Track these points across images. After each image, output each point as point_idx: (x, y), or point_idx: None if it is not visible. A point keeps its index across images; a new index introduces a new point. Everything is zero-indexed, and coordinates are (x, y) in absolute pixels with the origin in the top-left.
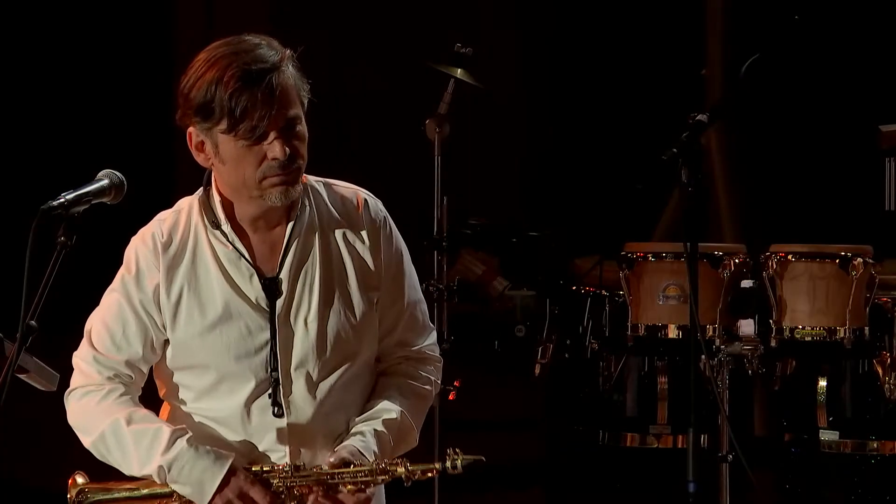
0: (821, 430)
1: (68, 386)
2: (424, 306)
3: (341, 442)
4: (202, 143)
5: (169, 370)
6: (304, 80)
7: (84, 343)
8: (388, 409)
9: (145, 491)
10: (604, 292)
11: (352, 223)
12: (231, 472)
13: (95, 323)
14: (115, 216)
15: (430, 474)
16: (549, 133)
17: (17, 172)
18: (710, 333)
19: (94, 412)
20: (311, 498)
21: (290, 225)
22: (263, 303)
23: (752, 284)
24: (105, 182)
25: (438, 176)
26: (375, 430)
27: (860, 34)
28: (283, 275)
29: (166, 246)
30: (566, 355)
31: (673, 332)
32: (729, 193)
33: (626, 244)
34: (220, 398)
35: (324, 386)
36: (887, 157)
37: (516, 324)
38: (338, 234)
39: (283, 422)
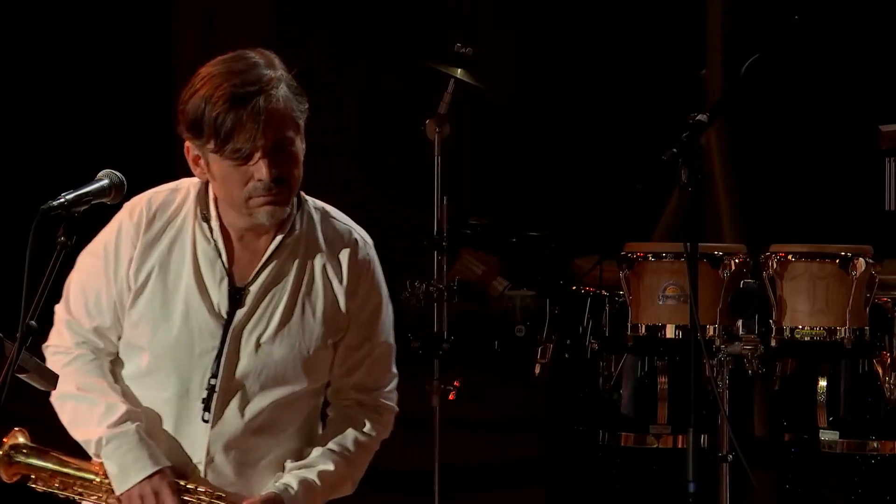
0: (821, 430)
1: None
2: (393, 354)
3: (271, 470)
4: (198, 156)
5: (120, 344)
6: (300, 98)
7: (62, 302)
8: (327, 459)
9: (73, 469)
10: (604, 292)
11: (336, 259)
12: (159, 473)
13: (73, 286)
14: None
15: None
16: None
17: (18, 173)
18: (710, 333)
19: (60, 374)
20: None
21: (275, 242)
22: (224, 310)
23: (752, 284)
24: (105, 182)
25: (438, 176)
26: (306, 479)
27: (860, 34)
28: (254, 288)
29: (150, 223)
30: (566, 355)
31: (673, 332)
32: (729, 193)
33: (626, 244)
34: (147, 387)
35: (255, 405)
36: (887, 157)
37: (516, 324)
38: (318, 264)
39: (207, 428)
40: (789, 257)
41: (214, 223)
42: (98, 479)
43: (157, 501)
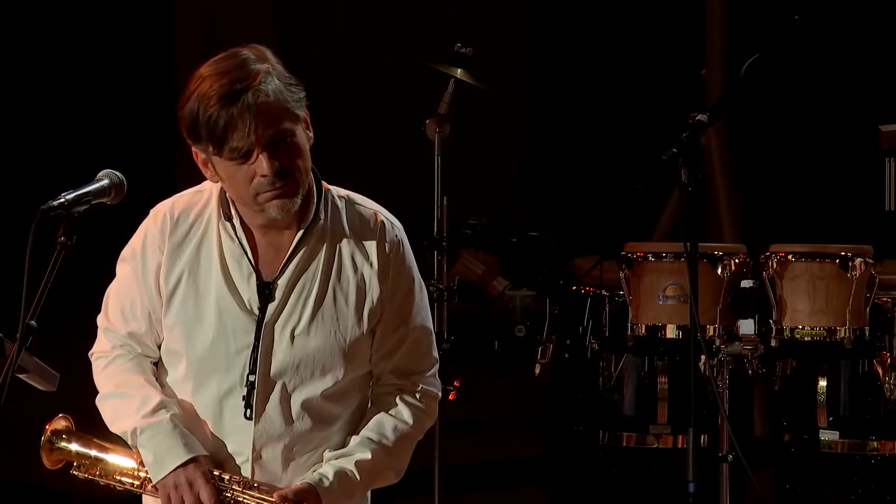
0: (821, 430)
1: (71, 383)
2: (432, 338)
3: (311, 457)
4: (205, 160)
5: (161, 351)
6: (294, 88)
7: (102, 311)
8: (364, 449)
9: (113, 455)
10: (604, 292)
11: (364, 244)
12: (194, 461)
13: (110, 294)
14: (115, 216)
15: None
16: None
17: (18, 172)
18: (710, 333)
19: (101, 377)
20: None
21: (300, 233)
22: (255, 306)
23: (752, 284)
24: (105, 182)
25: (438, 176)
26: (343, 468)
27: (860, 34)
28: (282, 281)
29: (175, 227)
30: (566, 355)
31: (673, 332)
32: (729, 193)
33: (625, 244)
34: (189, 391)
35: (297, 399)
36: (887, 157)
37: (516, 323)
38: (346, 251)
39: (251, 425)
40: (789, 257)
41: (236, 221)
42: (136, 468)
43: (191, 490)
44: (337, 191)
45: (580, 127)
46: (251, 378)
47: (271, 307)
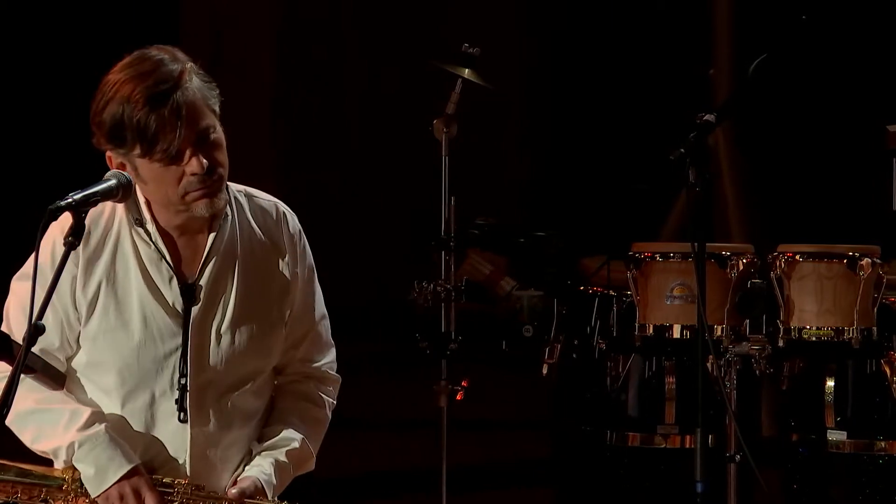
0: (828, 431)
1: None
2: (328, 323)
3: (242, 457)
4: (122, 164)
5: (78, 364)
6: (210, 86)
7: (4, 328)
8: (291, 438)
9: (37, 477)
10: (611, 292)
11: (271, 236)
12: (136, 471)
13: (12, 310)
14: None
15: None
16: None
17: (25, 172)
18: (718, 333)
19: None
20: None
21: (213, 234)
22: (179, 307)
23: (759, 284)
24: (113, 182)
25: (446, 176)
26: (277, 460)
27: (867, 34)
28: (203, 282)
29: (87, 239)
30: (574, 355)
31: (680, 333)
32: (737, 193)
33: (633, 244)
34: (119, 400)
35: (229, 396)
36: (895, 157)
37: (524, 324)
38: (257, 245)
39: (186, 428)
40: (797, 257)
41: (150, 226)
42: (66, 483)
43: (137, 499)
44: (234, 186)
45: (587, 127)
46: (182, 381)
47: (195, 309)
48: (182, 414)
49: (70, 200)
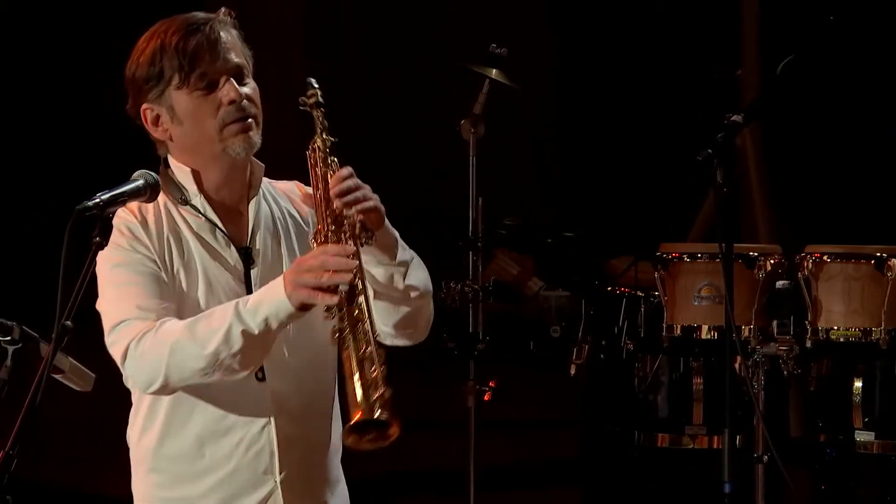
0: (856, 431)
1: (105, 386)
2: None
3: (325, 407)
4: (157, 115)
5: None
6: (245, 44)
7: (109, 322)
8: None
9: None
10: (639, 293)
11: (300, 208)
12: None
13: (110, 298)
14: None
15: None
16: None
17: (52, 173)
18: (746, 334)
19: (154, 342)
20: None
21: (254, 200)
22: (241, 269)
23: (787, 285)
24: (140, 182)
25: (473, 176)
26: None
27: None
28: (256, 245)
29: (144, 224)
30: (601, 356)
31: (708, 333)
32: (764, 194)
33: (660, 245)
34: None
35: (301, 346)
36: None
37: (551, 324)
38: (289, 217)
39: (265, 386)
40: (824, 258)
41: (197, 199)
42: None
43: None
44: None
45: (615, 127)
46: None
47: (254, 271)
48: (259, 373)
49: (98, 200)
